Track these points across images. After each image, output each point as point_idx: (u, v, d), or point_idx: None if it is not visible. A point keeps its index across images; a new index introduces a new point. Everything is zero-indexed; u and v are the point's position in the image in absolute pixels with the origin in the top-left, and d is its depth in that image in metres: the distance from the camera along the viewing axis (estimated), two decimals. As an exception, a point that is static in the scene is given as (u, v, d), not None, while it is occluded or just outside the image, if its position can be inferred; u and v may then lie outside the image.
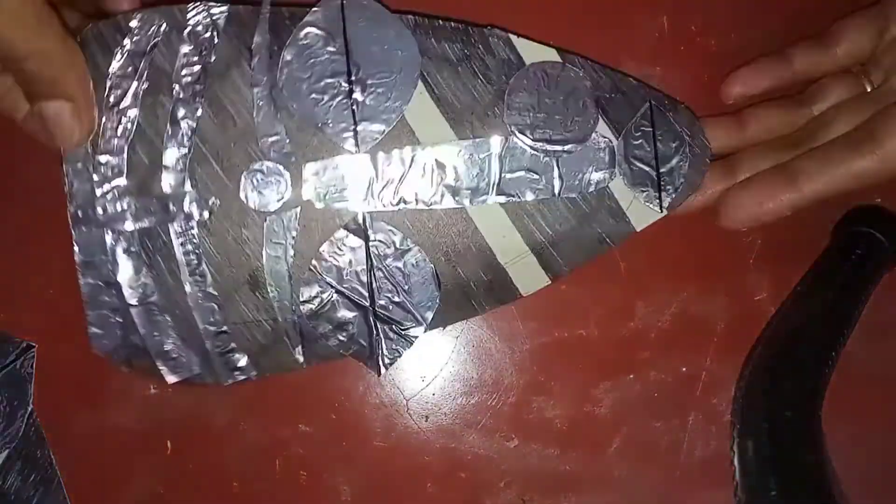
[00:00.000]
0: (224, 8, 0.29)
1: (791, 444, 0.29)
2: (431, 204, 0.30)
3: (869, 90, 0.31)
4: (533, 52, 0.30)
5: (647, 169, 0.30)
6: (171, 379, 0.30)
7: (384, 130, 0.29)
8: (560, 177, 0.30)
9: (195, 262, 0.29)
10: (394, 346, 0.31)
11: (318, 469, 0.33)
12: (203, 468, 0.33)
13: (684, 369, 0.34)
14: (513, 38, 0.30)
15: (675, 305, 0.34)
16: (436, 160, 0.30)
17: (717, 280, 0.34)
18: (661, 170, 0.30)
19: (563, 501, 0.34)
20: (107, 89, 0.29)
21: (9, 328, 0.33)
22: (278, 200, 0.29)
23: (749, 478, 0.29)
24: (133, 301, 0.30)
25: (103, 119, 0.29)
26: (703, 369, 0.34)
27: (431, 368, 0.34)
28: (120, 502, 0.33)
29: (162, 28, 0.29)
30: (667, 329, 0.34)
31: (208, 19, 0.29)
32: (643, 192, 0.30)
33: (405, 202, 0.30)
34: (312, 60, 0.29)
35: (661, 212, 0.31)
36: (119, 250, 0.29)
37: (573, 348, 0.34)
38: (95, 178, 0.29)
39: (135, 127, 0.29)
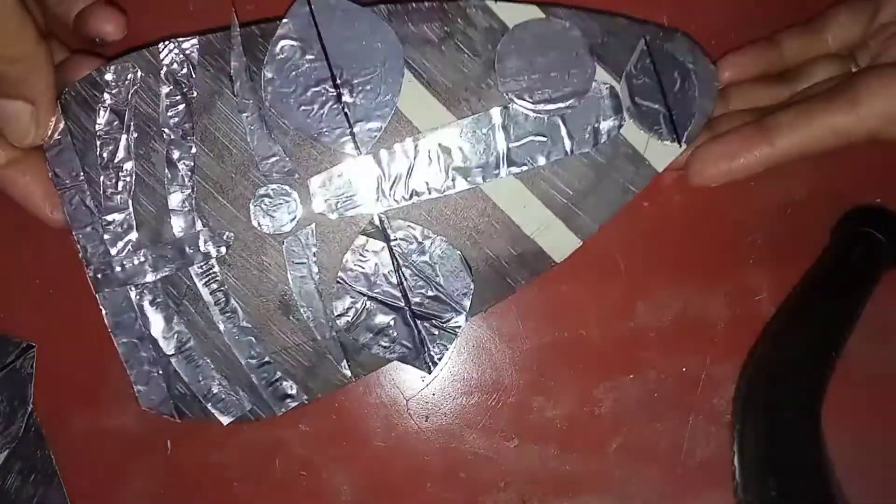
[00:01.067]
0: (194, 40, 0.28)
1: (791, 444, 0.29)
2: (445, 190, 0.29)
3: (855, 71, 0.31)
4: (514, 13, 0.29)
5: (655, 106, 0.29)
6: (225, 420, 0.30)
7: (381, 127, 0.29)
8: (569, 134, 0.29)
9: (223, 299, 0.29)
10: (439, 341, 0.30)
11: (318, 469, 0.33)
12: (203, 468, 0.33)
13: (684, 369, 0.34)
14: (490, 4, 0.29)
15: (675, 305, 0.34)
16: (440, 145, 0.29)
17: (717, 280, 0.34)
18: (671, 103, 0.29)
19: (563, 501, 0.34)
20: (98, 147, 0.28)
21: (9, 328, 0.33)
22: (291, 220, 0.29)
23: (749, 478, 0.29)
24: (170, 351, 0.29)
25: (101, 178, 0.28)
26: (703, 369, 0.34)
27: (431, 368, 0.34)
28: (120, 502, 0.33)
29: (138, 75, 0.28)
30: (667, 329, 0.34)
31: (181, 55, 0.28)
32: (657, 130, 0.29)
33: (418, 194, 0.29)
34: (294, 72, 0.28)
35: (680, 146, 0.29)
36: (146, 304, 0.29)
37: (573, 348, 0.33)
38: (107, 237, 0.29)
39: (134, 179, 0.29)
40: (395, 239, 0.29)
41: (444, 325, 0.30)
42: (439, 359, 0.30)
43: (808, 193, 0.34)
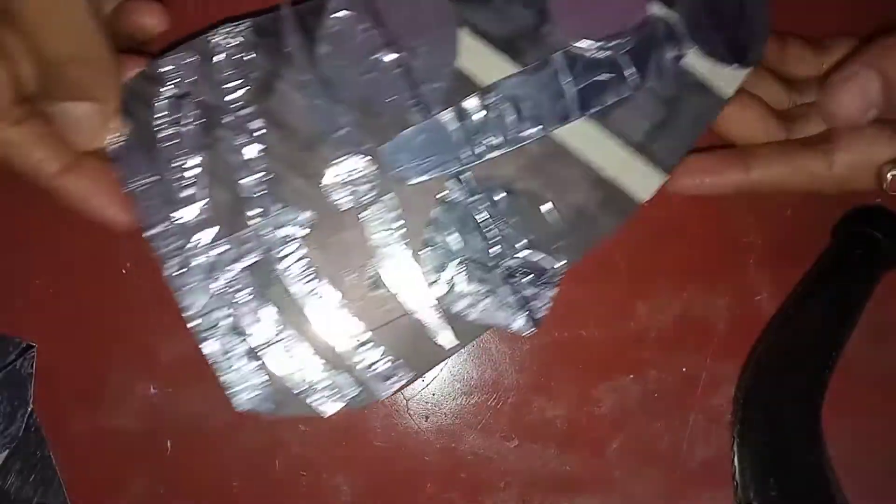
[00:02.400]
0: (247, 23, 0.28)
1: (791, 444, 0.29)
2: (518, 142, 0.29)
3: None
4: None
5: (713, 33, 0.29)
6: (329, 410, 0.28)
7: (444, 86, 0.29)
8: (633, 69, 0.29)
9: (311, 282, 0.28)
10: (540, 297, 0.29)
11: (318, 469, 0.33)
12: (203, 468, 0.33)
13: (684, 369, 0.34)
14: None
15: (676, 305, 0.34)
16: (506, 97, 0.29)
17: (717, 280, 0.34)
18: (728, 28, 0.29)
19: (563, 502, 0.34)
20: (162, 143, 0.28)
21: (9, 328, 0.33)
22: (369, 192, 0.28)
23: (749, 478, 0.29)
24: (264, 342, 0.28)
25: (169, 174, 0.27)
26: (704, 369, 0.34)
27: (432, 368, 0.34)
28: (120, 502, 0.33)
29: (194, 65, 0.28)
30: (667, 329, 0.34)
31: (236, 39, 0.28)
32: (719, 55, 0.29)
33: (491, 149, 0.29)
34: (349, 44, 0.28)
35: (746, 68, 0.29)
36: (231, 297, 0.28)
37: (573, 348, 0.34)
38: (181, 234, 0.28)
39: (203, 171, 0.28)
40: (478, 197, 0.29)
41: (542, 279, 0.29)
42: (543, 315, 0.29)
43: (808, 193, 0.34)
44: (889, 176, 0.28)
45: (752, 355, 0.32)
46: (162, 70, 0.28)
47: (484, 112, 0.29)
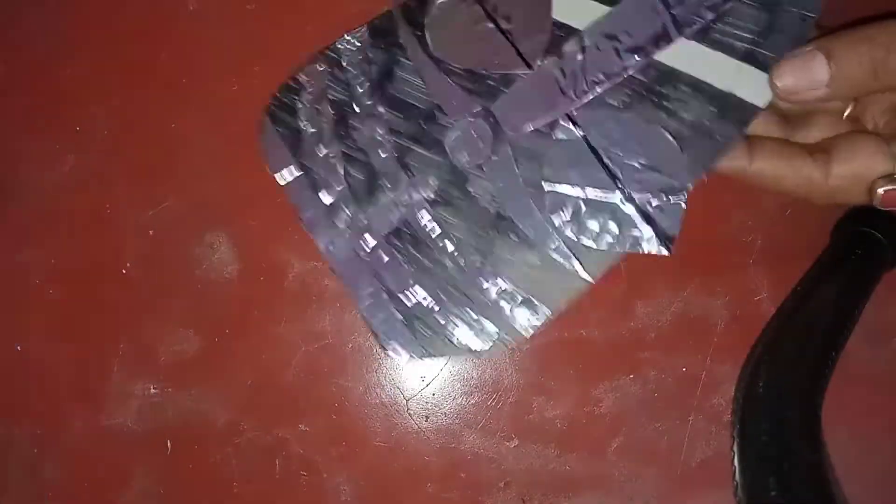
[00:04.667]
0: (362, 28, 0.33)
1: (791, 443, 0.29)
2: (622, 73, 0.30)
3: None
4: None
5: None
6: (478, 348, 0.31)
7: (545, 39, 0.30)
8: None
9: (444, 238, 0.31)
10: (667, 215, 0.30)
11: (318, 469, 0.33)
12: (203, 468, 0.33)
13: (684, 369, 0.34)
14: None
15: (675, 305, 0.34)
16: (605, 35, 0.30)
17: (717, 280, 0.34)
18: None
19: (563, 501, 0.34)
20: (306, 141, 0.32)
21: (9, 328, 0.33)
22: (486, 148, 0.31)
23: (749, 478, 0.29)
24: (410, 302, 0.31)
25: (315, 166, 0.32)
26: (703, 369, 0.34)
27: (431, 368, 0.34)
28: (120, 503, 0.33)
29: (325, 70, 0.32)
30: (667, 329, 0.34)
31: (355, 42, 0.33)
32: None
33: (598, 85, 0.30)
34: (454, 21, 0.31)
35: None
36: (376, 263, 0.31)
37: (573, 348, 0.33)
38: (330, 215, 0.32)
39: (341, 158, 0.32)
40: (592, 133, 0.30)
41: (667, 199, 0.30)
42: (675, 233, 0.30)
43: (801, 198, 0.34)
44: (880, 191, 0.28)
45: (751, 355, 0.32)
46: (301, 80, 0.32)
47: (585, 53, 0.30)
